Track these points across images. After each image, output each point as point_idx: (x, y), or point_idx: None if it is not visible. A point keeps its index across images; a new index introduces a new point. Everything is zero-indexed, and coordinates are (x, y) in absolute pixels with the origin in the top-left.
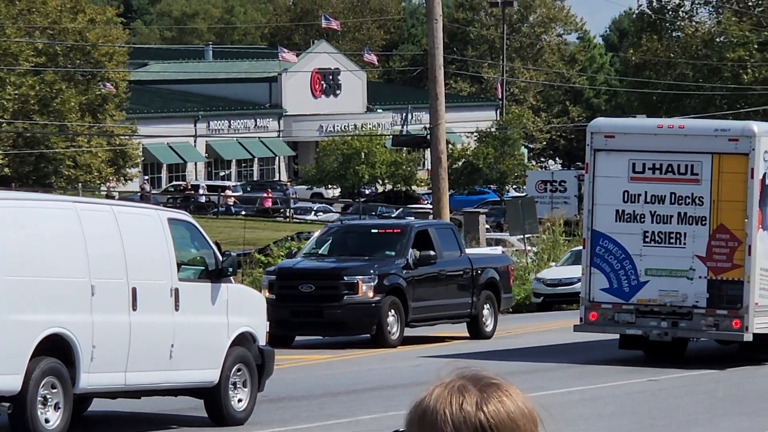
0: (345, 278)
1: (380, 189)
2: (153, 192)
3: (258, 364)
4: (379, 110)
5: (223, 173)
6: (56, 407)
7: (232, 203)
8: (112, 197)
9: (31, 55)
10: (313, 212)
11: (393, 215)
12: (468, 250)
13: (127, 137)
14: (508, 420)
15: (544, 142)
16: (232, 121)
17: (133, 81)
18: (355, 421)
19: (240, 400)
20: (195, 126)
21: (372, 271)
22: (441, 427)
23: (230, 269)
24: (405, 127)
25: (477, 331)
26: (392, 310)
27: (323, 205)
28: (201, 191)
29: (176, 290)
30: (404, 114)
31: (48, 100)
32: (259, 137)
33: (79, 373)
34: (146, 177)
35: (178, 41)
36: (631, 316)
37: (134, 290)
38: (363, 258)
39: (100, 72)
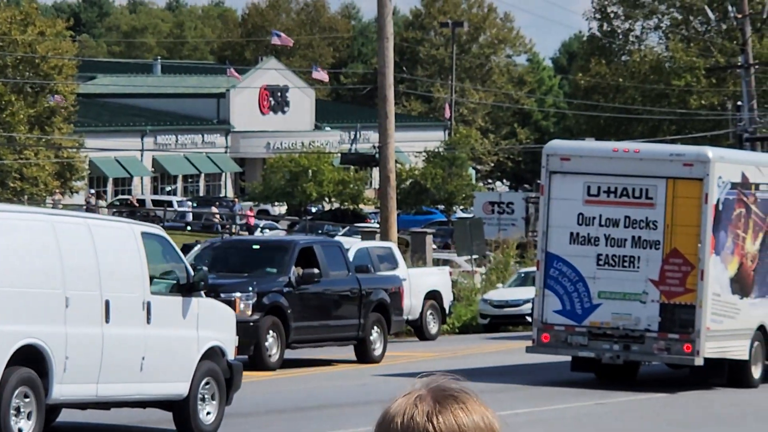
0: (222, 295)
1: (327, 207)
2: (100, 205)
3: (226, 378)
4: (327, 128)
5: (170, 188)
6: (29, 416)
7: (217, 221)
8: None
9: None
10: (259, 229)
11: (340, 233)
12: (411, 270)
13: (74, 150)
14: None
15: (492, 164)
16: (179, 136)
17: (82, 94)
18: None
19: (208, 413)
20: (142, 140)
21: (251, 288)
22: None
23: (201, 283)
24: (353, 145)
25: (364, 355)
26: (272, 330)
27: (269, 222)
28: (148, 205)
29: (148, 303)
30: (353, 132)
31: None
32: (206, 153)
33: (51, 384)
34: (92, 190)
35: (126, 55)
36: (583, 339)
37: (107, 303)
38: (242, 275)
39: (49, 84)
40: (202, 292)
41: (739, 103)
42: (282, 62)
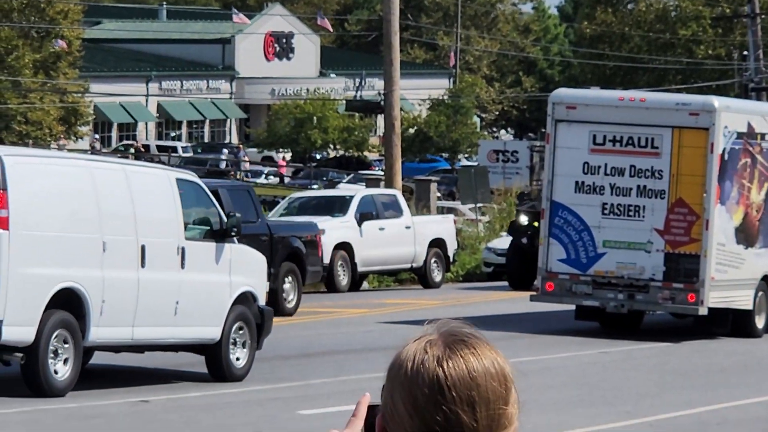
0: None
1: (332, 154)
2: (103, 150)
3: (257, 323)
4: (332, 75)
5: (174, 134)
6: (66, 359)
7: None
8: None
9: None
10: (263, 176)
11: (344, 181)
12: (415, 218)
13: (79, 95)
14: (468, 378)
15: (497, 112)
16: (184, 82)
17: (87, 39)
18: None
19: (239, 358)
20: (147, 86)
21: None
22: (401, 380)
23: (234, 230)
24: (358, 92)
25: (276, 307)
26: None
27: (274, 168)
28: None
29: (183, 249)
30: (358, 79)
31: (2, 56)
32: (211, 99)
33: (89, 327)
34: (97, 135)
35: (131, 0)
36: (588, 288)
37: (143, 248)
38: None
39: (55, 29)
40: (235, 238)
41: (745, 52)
42: (287, 8)
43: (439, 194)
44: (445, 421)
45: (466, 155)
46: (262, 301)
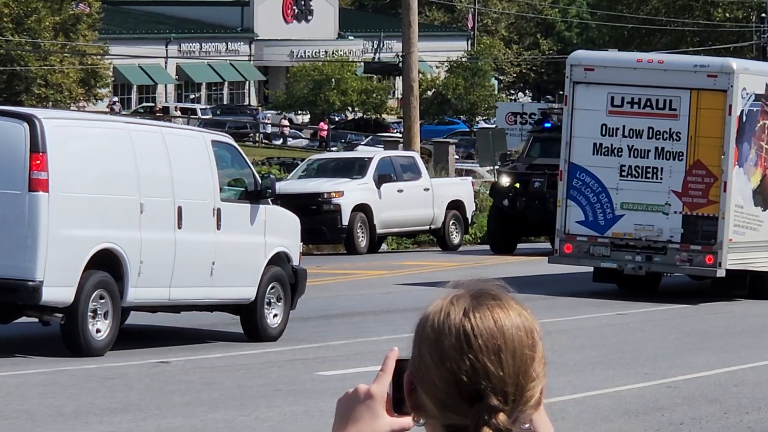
0: None
1: (350, 116)
2: (123, 113)
3: (291, 283)
4: (350, 37)
5: (193, 96)
6: (105, 318)
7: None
8: None
9: None
10: (281, 138)
11: (363, 143)
12: (434, 180)
13: (98, 57)
14: (495, 328)
15: (515, 75)
16: (203, 44)
17: (106, 1)
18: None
19: (275, 317)
20: (166, 48)
21: None
22: (428, 333)
23: (269, 191)
24: (377, 54)
25: None
26: None
27: (293, 130)
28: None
29: (218, 210)
30: (376, 41)
31: (22, 18)
32: (229, 61)
33: (127, 287)
34: (116, 98)
35: None
36: (605, 249)
37: (180, 209)
38: None
39: None
40: (269, 199)
41: (763, 15)
42: None
43: (457, 156)
44: (472, 370)
45: (484, 117)
46: (296, 261)
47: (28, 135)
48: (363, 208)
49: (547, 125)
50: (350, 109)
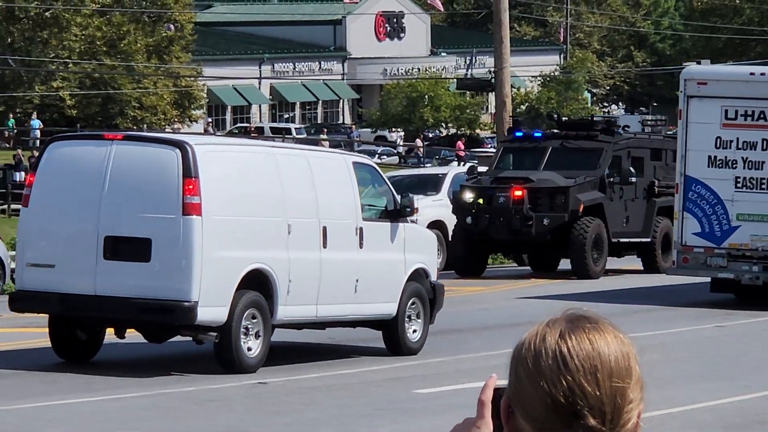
0: None
1: (444, 132)
2: (217, 134)
3: (430, 298)
4: (443, 54)
5: (287, 115)
6: (257, 337)
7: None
8: None
9: None
10: (377, 155)
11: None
12: None
13: (192, 79)
14: (591, 350)
15: (608, 87)
16: (296, 64)
17: (199, 23)
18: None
19: (414, 331)
20: (260, 68)
21: None
22: (525, 356)
23: (408, 209)
24: (469, 70)
25: None
26: None
27: (387, 148)
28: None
29: (361, 229)
30: (468, 57)
31: (115, 41)
32: (323, 80)
33: (276, 306)
34: (210, 119)
35: None
36: (722, 260)
37: (324, 229)
38: None
39: (166, 14)
40: (408, 217)
41: None
42: None
43: None
44: (569, 391)
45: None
46: (433, 276)
47: (180, 161)
48: (438, 225)
49: (518, 134)
50: (444, 125)
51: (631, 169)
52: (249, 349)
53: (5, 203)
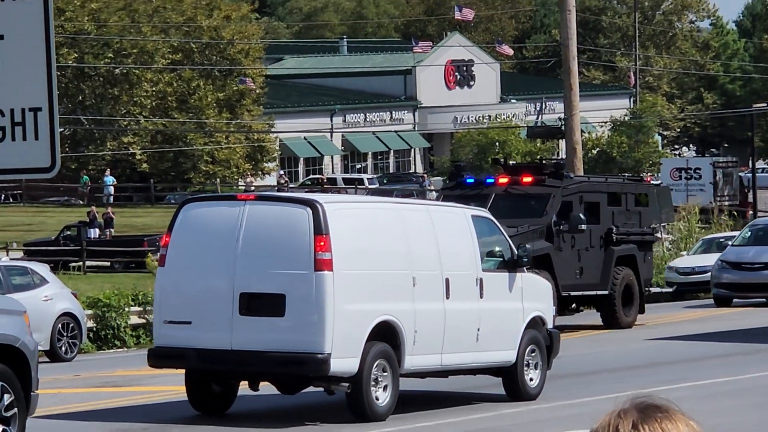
0: None
1: None
2: (291, 186)
3: (547, 345)
4: (513, 100)
5: (360, 166)
6: (385, 387)
7: None
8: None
9: (168, 53)
10: None
11: None
12: None
13: (264, 132)
14: None
15: (678, 129)
16: (367, 114)
17: (270, 76)
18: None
19: (532, 378)
20: (331, 119)
21: None
22: None
23: (525, 259)
24: (539, 117)
25: None
26: None
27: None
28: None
29: (480, 280)
30: (538, 104)
31: (185, 96)
32: (394, 129)
33: (403, 356)
34: (283, 171)
35: (306, 36)
36: None
37: (447, 280)
38: None
39: (237, 68)
40: (525, 267)
41: None
42: (465, 36)
43: None
44: None
45: (649, 174)
46: (549, 324)
47: (311, 219)
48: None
49: (470, 180)
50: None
51: (581, 215)
52: (378, 398)
53: (80, 260)
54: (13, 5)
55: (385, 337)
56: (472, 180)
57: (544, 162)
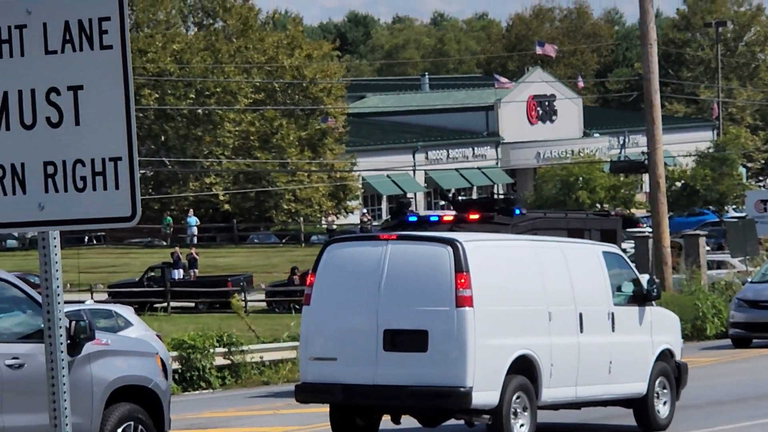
0: None
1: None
2: (374, 224)
3: (675, 377)
4: (595, 134)
5: (443, 203)
6: (524, 418)
7: None
8: (333, 231)
9: (250, 92)
10: None
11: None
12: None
13: (346, 171)
14: None
15: (763, 161)
16: (450, 151)
17: (351, 114)
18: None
19: (661, 409)
20: (413, 156)
21: None
22: None
23: (654, 293)
24: (622, 150)
25: None
26: None
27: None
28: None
29: (612, 314)
30: (621, 137)
31: (268, 136)
32: (477, 166)
33: (541, 388)
34: (366, 209)
35: (387, 73)
36: None
37: (581, 315)
38: None
39: (319, 107)
40: (653, 302)
41: None
42: (546, 71)
43: (708, 248)
44: None
45: (734, 206)
46: (678, 356)
47: (452, 257)
48: None
49: (412, 218)
50: (599, 205)
51: None
52: (517, 430)
53: (165, 301)
54: (92, 55)
55: (524, 370)
56: (414, 218)
57: (495, 197)
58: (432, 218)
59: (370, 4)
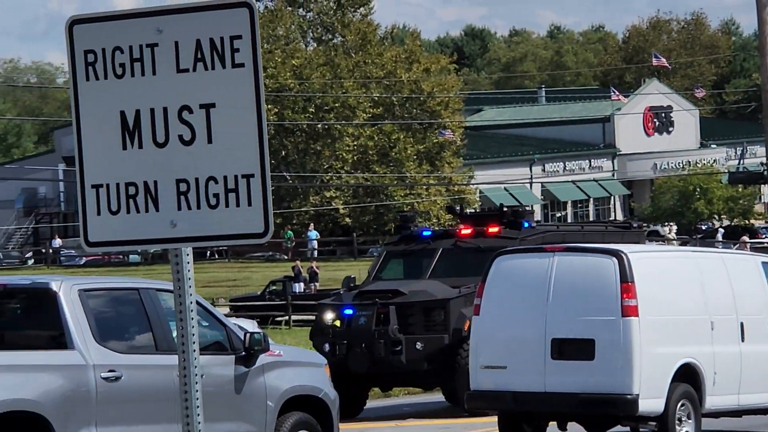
0: None
1: (717, 224)
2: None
3: None
4: (713, 145)
5: (560, 215)
6: (688, 427)
7: None
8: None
9: (368, 107)
10: None
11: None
12: None
13: (464, 184)
14: None
15: None
16: (566, 163)
17: (469, 127)
18: None
19: None
20: (530, 169)
21: None
22: None
23: None
24: (741, 162)
25: None
26: None
27: (659, 242)
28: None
29: None
30: (739, 148)
31: (386, 150)
32: (594, 178)
33: (704, 396)
34: None
35: (504, 85)
36: None
37: (742, 324)
38: None
39: (437, 121)
40: None
41: None
42: (663, 82)
43: None
44: None
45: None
46: None
47: (617, 268)
48: None
49: (427, 233)
50: (717, 217)
51: None
52: None
53: (286, 314)
54: (224, 73)
55: (688, 378)
56: (428, 233)
57: (504, 210)
58: (424, 233)
59: (487, 17)
